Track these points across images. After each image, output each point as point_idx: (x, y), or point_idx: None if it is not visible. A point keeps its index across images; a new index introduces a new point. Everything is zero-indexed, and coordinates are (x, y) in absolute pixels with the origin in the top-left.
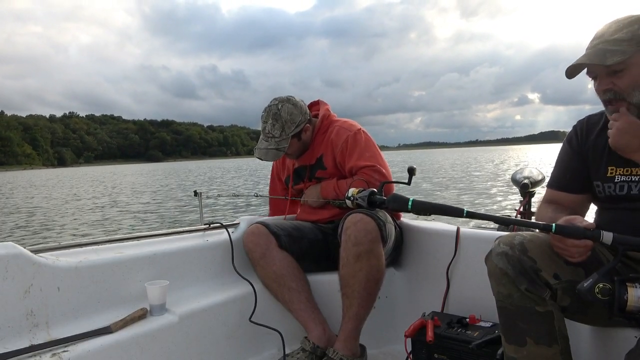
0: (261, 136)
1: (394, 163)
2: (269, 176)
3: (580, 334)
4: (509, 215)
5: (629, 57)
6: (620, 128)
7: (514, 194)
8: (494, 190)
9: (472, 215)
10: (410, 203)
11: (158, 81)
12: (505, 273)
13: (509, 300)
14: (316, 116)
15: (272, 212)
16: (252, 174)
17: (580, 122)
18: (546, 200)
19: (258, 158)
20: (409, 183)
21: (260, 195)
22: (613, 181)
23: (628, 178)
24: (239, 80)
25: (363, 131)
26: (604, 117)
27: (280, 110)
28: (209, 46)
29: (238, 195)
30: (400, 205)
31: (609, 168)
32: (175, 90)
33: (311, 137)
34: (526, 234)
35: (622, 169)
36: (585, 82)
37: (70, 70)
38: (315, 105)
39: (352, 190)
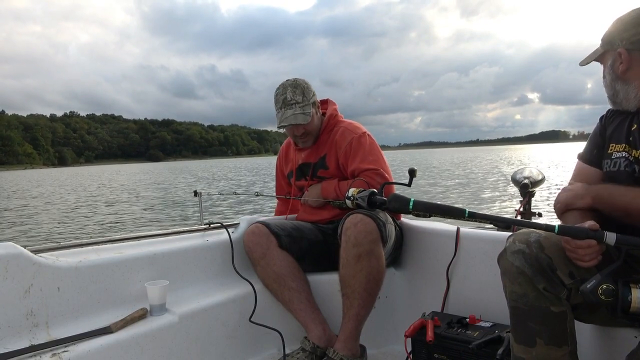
0: (282, 109)
1: (395, 163)
2: (272, 175)
3: (580, 333)
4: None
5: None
6: None
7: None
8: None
9: (473, 215)
10: (411, 203)
11: (157, 81)
12: (522, 272)
13: (523, 300)
14: (324, 114)
15: (279, 208)
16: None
17: None
18: (574, 176)
19: (286, 126)
20: (409, 184)
21: (261, 195)
22: (611, 157)
23: (621, 154)
24: (237, 79)
25: (368, 134)
26: None
27: (297, 80)
28: (208, 46)
29: (238, 194)
30: (401, 205)
31: (611, 145)
32: (174, 89)
33: (319, 127)
34: (539, 231)
35: (619, 146)
36: (585, 83)
37: (69, 69)
38: (324, 103)
39: (352, 190)
